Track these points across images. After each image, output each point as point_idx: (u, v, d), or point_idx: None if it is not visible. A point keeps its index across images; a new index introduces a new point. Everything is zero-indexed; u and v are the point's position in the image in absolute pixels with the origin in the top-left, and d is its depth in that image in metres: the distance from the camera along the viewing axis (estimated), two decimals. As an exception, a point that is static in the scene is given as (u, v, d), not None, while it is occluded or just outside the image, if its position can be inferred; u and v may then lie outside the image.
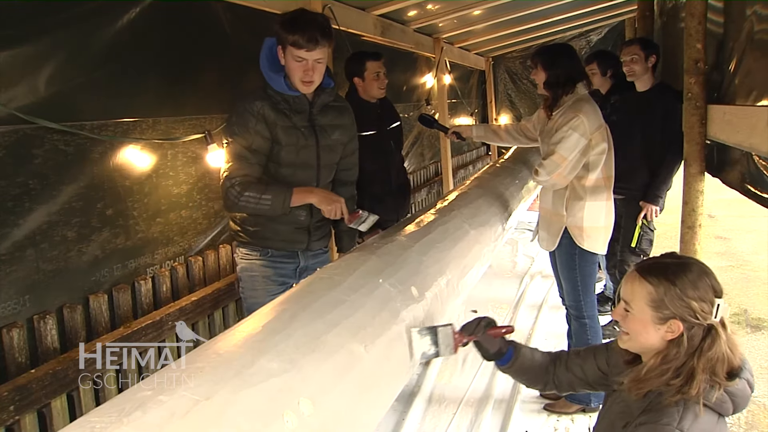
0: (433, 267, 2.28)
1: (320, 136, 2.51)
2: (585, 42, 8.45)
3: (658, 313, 1.52)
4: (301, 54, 2.28)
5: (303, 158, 2.49)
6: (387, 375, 1.73)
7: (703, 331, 1.50)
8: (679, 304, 1.50)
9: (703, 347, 1.49)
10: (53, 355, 2.34)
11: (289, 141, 2.44)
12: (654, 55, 3.89)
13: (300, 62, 2.30)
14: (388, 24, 4.87)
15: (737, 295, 5.34)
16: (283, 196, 2.36)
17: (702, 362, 1.48)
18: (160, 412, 1.11)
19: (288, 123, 2.42)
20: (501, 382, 3.65)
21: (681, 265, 1.57)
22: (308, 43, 2.25)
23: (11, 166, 2.19)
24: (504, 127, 3.70)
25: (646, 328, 1.55)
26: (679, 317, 1.50)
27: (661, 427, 1.44)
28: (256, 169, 2.41)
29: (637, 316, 1.56)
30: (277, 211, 2.38)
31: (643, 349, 1.60)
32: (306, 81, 2.35)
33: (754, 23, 2.50)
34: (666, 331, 1.52)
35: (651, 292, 1.53)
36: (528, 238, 6.65)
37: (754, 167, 2.71)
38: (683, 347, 1.50)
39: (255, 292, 2.60)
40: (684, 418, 1.44)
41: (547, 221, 3.25)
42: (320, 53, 2.30)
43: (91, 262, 2.54)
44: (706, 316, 1.50)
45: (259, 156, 2.41)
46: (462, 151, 8.39)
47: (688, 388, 1.47)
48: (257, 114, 2.37)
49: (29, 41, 2.21)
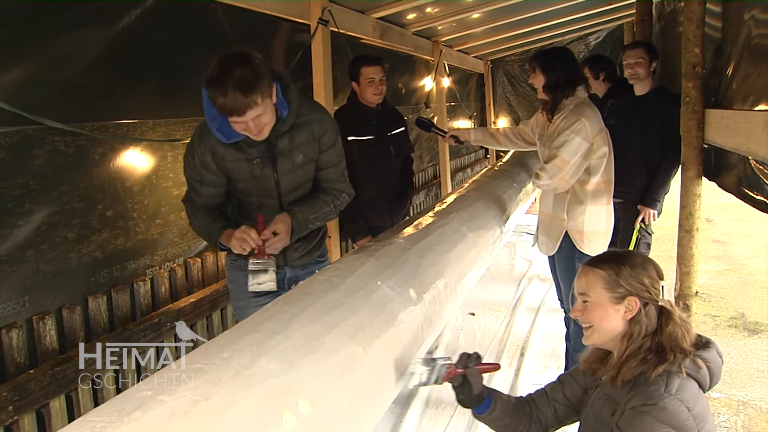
0: (431, 269, 2.29)
1: (279, 162, 2.29)
2: (583, 46, 8.46)
3: (614, 293, 1.64)
4: (234, 119, 2.03)
5: (261, 188, 2.33)
6: (385, 377, 1.74)
7: (656, 309, 1.63)
8: (632, 280, 1.63)
9: (662, 324, 1.61)
10: (52, 355, 2.34)
11: (242, 175, 2.28)
12: (655, 61, 3.91)
13: (237, 123, 2.05)
14: (387, 27, 4.88)
15: (734, 299, 5.35)
16: (214, 237, 2.31)
17: (665, 338, 1.59)
18: (160, 412, 1.12)
19: (239, 156, 2.23)
20: (498, 385, 3.66)
21: (624, 252, 1.77)
22: (236, 111, 1.98)
23: (12, 166, 2.20)
24: (502, 131, 3.70)
25: (606, 311, 1.65)
26: (634, 294, 1.63)
27: (650, 394, 1.52)
28: (207, 201, 2.32)
29: (595, 302, 1.67)
30: (213, 246, 2.33)
31: (608, 337, 1.67)
32: (254, 135, 2.11)
33: (752, 28, 2.51)
34: (625, 310, 1.63)
35: (604, 276, 1.66)
36: (526, 241, 6.67)
37: (750, 171, 2.73)
38: (643, 324, 1.62)
39: (240, 302, 2.51)
40: (670, 384, 1.53)
41: (547, 225, 3.25)
42: (255, 111, 2.01)
43: (91, 263, 2.55)
44: (657, 293, 1.64)
45: (209, 188, 2.29)
46: (460, 154, 8.40)
47: (665, 358, 1.56)
48: (204, 146, 2.21)
49: (30, 42, 2.22)
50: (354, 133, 3.48)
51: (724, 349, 1.68)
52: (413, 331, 1.95)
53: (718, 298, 5.38)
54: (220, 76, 1.95)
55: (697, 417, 1.51)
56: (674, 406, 1.49)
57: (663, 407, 1.49)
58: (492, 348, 4.23)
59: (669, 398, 1.50)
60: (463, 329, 4.56)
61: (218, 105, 1.98)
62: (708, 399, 1.61)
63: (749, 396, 3.58)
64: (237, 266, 2.46)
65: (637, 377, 1.59)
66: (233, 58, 1.98)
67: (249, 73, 1.95)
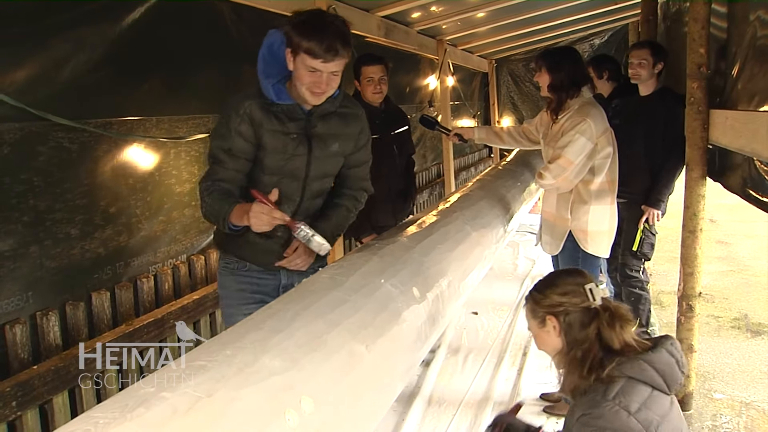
0: (434, 268, 2.29)
1: (315, 145, 2.20)
2: (588, 46, 8.46)
3: (537, 319, 1.81)
4: (316, 65, 1.97)
5: (290, 168, 2.20)
6: (387, 375, 1.74)
7: (581, 315, 1.73)
8: (544, 302, 1.79)
9: (589, 330, 1.71)
10: (55, 351, 2.35)
11: (276, 147, 2.15)
12: (661, 63, 3.87)
13: (313, 72, 1.99)
14: (392, 25, 4.88)
15: (737, 300, 5.33)
16: (224, 213, 2.06)
17: (599, 343, 1.69)
18: (163, 409, 1.12)
19: (277, 127, 2.13)
20: (501, 384, 3.66)
21: (542, 279, 1.90)
22: (326, 54, 1.95)
23: (16, 163, 2.20)
24: (506, 130, 3.70)
25: (541, 337, 1.83)
26: (549, 313, 1.77)
27: (589, 402, 1.61)
28: (232, 175, 2.14)
29: (533, 332, 1.87)
30: (221, 228, 2.11)
31: (555, 356, 1.81)
32: (316, 92, 2.05)
33: (758, 28, 2.50)
34: (551, 329, 1.77)
35: (527, 308, 1.86)
36: (529, 241, 6.66)
37: (755, 172, 2.72)
38: (572, 334, 1.73)
39: (230, 309, 2.34)
40: (609, 389, 1.59)
41: (551, 225, 3.25)
42: (337, 65, 2.01)
43: (94, 259, 2.55)
44: (577, 302, 1.74)
45: (237, 160, 2.13)
46: (464, 153, 8.40)
47: (599, 364, 1.65)
48: (242, 113, 2.10)
49: (35, 40, 2.22)
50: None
51: (727, 350, 1.70)
52: (416, 330, 1.95)
53: (721, 299, 5.36)
54: (318, 22, 1.98)
55: (644, 421, 1.53)
56: (611, 411, 1.54)
57: (600, 415, 1.55)
58: (495, 347, 4.23)
59: (606, 404, 1.56)
60: (466, 328, 4.55)
61: (310, 44, 1.94)
62: (710, 400, 1.63)
63: (752, 397, 3.56)
64: (229, 270, 2.33)
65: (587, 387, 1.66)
66: (328, 14, 2.07)
67: (347, 29, 2.03)
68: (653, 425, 1.54)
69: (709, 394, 3.60)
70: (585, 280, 1.78)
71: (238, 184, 2.17)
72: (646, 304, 3.98)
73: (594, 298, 1.73)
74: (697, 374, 3.59)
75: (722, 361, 4.09)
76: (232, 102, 2.14)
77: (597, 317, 1.71)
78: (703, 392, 3.60)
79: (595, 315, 1.72)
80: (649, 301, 4.02)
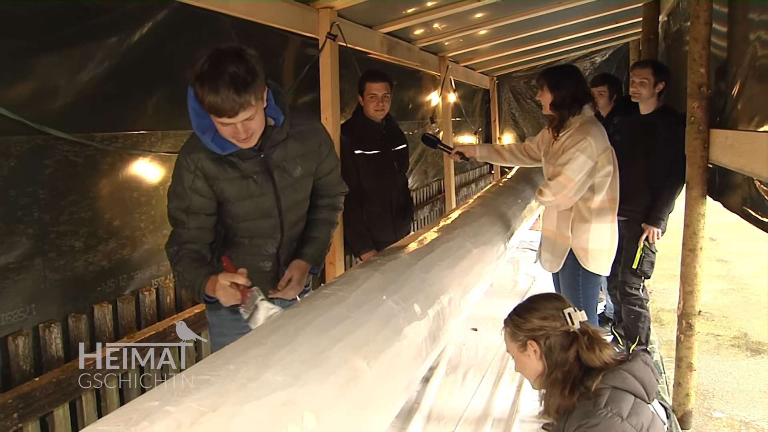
0: (435, 285, 2.30)
1: (278, 178, 2.14)
2: (589, 63, 8.51)
3: (517, 342, 1.88)
4: (224, 121, 1.84)
5: (260, 209, 2.16)
6: (388, 391, 1.74)
7: (561, 339, 1.81)
8: (525, 326, 1.86)
9: (569, 353, 1.78)
10: (57, 363, 2.35)
11: (239, 194, 2.10)
12: (663, 82, 3.89)
13: (226, 126, 1.87)
14: (394, 42, 4.92)
15: (737, 319, 5.34)
16: (197, 287, 2.04)
17: (580, 361, 1.77)
18: (167, 423, 1.13)
19: (234, 174, 2.06)
20: (500, 401, 3.65)
21: (521, 303, 1.98)
22: (229, 111, 1.80)
23: (22, 175, 2.21)
24: (507, 147, 3.73)
25: (521, 360, 1.89)
26: (529, 337, 1.84)
27: (583, 415, 1.65)
28: (195, 234, 2.10)
29: (513, 355, 1.92)
30: (198, 300, 2.10)
31: (536, 380, 1.87)
32: (242, 140, 1.93)
33: (758, 49, 2.52)
34: (531, 353, 1.84)
35: (507, 332, 1.93)
36: (529, 257, 6.67)
37: (755, 192, 2.74)
38: (552, 357, 1.80)
39: (222, 338, 2.22)
40: (598, 400, 1.65)
41: (551, 242, 3.27)
42: (245, 114, 1.83)
43: (98, 272, 2.56)
44: (557, 325, 1.82)
45: (197, 217, 2.09)
46: (465, 169, 8.42)
47: (584, 380, 1.72)
48: (194, 170, 2.03)
49: (41, 53, 2.24)
50: (360, 147, 3.52)
51: (726, 368, 1.73)
52: (417, 346, 1.96)
53: (721, 318, 5.37)
54: (211, 71, 1.76)
55: (636, 425, 1.60)
56: (606, 417, 1.60)
57: (597, 423, 1.60)
58: (494, 363, 4.22)
59: (600, 411, 1.61)
60: (465, 344, 4.55)
61: (207, 103, 1.79)
62: (710, 419, 1.67)
63: (751, 416, 3.56)
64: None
65: (571, 405, 1.71)
66: (226, 54, 1.79)
67: (243, 70, 1.78)
68: (644, 429, 1.61)
69: (708, 413, 3.60)
70: (563, 305, 1.86)
71: (204, 241, 2.14)
72: (645, 322, 3.99)
73: (573, 322, 1.81)
74: (697, 393, 3.58)
75: (722, 379, 4.09)
76: (181, 158, 2.07)
77: (576, 340, 1.79)
78: (702, 411, 3.60)
79: (574, 338, 1.80)
80: (648, 319, 4.03)
